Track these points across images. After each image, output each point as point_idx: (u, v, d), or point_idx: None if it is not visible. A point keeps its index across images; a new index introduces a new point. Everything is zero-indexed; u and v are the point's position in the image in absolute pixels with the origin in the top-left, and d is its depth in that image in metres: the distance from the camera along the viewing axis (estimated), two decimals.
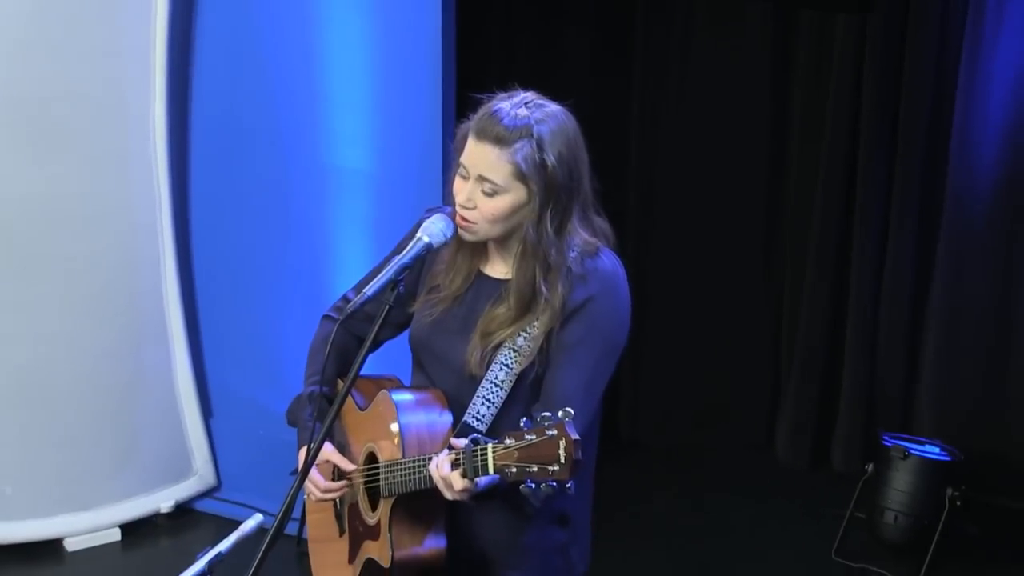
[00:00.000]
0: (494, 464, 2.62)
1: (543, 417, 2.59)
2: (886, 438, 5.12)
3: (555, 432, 2.56)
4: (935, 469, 4.97)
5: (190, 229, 5.05)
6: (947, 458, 5.01)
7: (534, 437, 2.58)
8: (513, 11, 5.46)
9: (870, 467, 5.07)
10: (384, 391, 2.94)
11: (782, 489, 5.50)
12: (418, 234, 2.86)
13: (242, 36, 4.79)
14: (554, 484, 2.59)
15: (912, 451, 5.00)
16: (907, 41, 5.18)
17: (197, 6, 4.81)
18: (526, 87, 2.86)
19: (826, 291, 5.48)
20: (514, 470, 2.59)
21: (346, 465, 2.98)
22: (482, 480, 2.66)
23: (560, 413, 2.58)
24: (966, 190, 5.19)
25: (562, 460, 2.56)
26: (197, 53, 4.87)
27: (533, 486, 2.61)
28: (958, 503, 4.92)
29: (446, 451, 2.73)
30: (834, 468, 5.54)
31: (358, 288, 3.01)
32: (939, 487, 4.94)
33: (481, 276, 2.95)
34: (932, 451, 5.04)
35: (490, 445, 2.63)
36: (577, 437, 2.56)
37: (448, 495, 2.73)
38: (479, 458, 2.63)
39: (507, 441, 2.60)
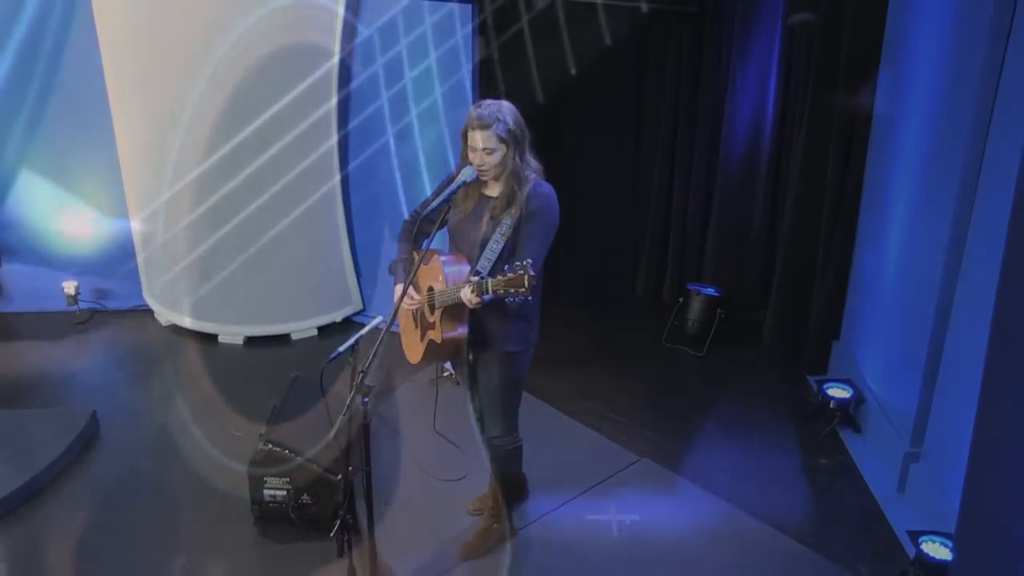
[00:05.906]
0: (491, 288, 2.61)
1: (517, 264, 2.65)
2: (689, 285, 5.14)
3: (522, 271, 2.62)
4: (712, 300, 5.04)
5: (349, 180, 4.90)
6: (717, 294, 5.08)
7: (512, 274, 2.65)
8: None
9: (681, 300, 5.09)
10: (435, 256, 2.94)
11: (639, 315, 5.42)
12: (459, 176, 2.83)
13: (370, 76, 4.63)
14: (522, 297, 2.62)
15: (701, 292, 5.06)
16: (702, 66, 4.95)
17: (355, 52, 4.58)
18: (501, 95, 2.84)
19: (661, 203, 5.28)
20: (501, 291, 2.66)
21: (416, 300, 2.95)
22: (486, 297, 2.69)
23: (525, 262, 2.64)
24: (731, 149, 5.04)
25: (526, 284, 2.60)
26: (353, 77, 4.66)
27: (512, 299, 2.63)
28: (722, 316, 5.00)
29: (468, 284, 2.70)
30: (664, 301, 5.47)
31: (424, 205, 3.00)
32: (713, 309, 5.02)
33: (484, 196, 2.92)
34: (710, 291, 5.08)
35: (488, 279, 2.68)
36: (533, 273, 2.62)
37: (470, 306, 2.76)
38: (483, 285, 2.69)
39: (498, 277, 2.66)
